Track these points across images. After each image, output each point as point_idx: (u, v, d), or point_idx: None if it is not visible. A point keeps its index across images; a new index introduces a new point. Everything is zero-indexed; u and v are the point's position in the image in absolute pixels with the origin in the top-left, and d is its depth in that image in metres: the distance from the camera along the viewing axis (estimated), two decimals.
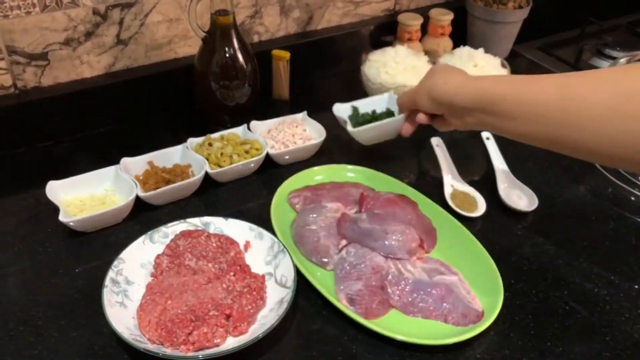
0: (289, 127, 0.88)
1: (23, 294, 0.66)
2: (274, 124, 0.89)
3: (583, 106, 0.50)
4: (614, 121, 0.48)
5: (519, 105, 0.56)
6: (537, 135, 0.57)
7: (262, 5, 1.01)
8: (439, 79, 0.67)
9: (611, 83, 0.49)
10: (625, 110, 0.47)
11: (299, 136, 0.87)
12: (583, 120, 0.51)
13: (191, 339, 0.58)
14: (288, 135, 0.87)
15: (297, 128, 0.88)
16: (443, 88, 0.66)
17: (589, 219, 0.80)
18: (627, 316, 0.66)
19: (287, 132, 0.87)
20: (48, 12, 0.83)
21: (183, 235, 0.69)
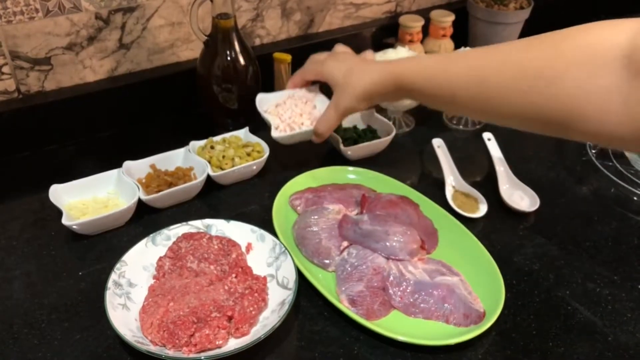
0: (297, 103, 0.81)
1: (27, 296, 0.66)
2: (283, 98, 0.82)
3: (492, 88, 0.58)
4: (519, 98, 0.56)
5: (438, 90, 0.64)
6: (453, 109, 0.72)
7: (264, 9, 1.01)
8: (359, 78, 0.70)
9: (515, 65, 0.56)
10: (524, 87, 0.55)
11: (307, 116, 0.80)
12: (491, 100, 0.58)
13: (193, 341, 0.58)
14: (295, 115, 0.80)
15: (307, 105, 0.81)
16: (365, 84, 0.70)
17: (591, 219, 0.80)
18: (629, 316, 0.66)
19: (294, 111, 0.80)
20: (51, 17, 0.83)
21: (185, 238, 0.69)
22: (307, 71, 0.79)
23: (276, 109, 0.81)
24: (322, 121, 0.75)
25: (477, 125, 0.99)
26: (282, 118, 0.80)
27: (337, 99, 0.73)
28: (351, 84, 0.70)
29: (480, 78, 0.59)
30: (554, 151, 0.94)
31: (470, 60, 0.61)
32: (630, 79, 0.48)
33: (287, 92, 0.82)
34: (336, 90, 0.73)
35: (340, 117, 0.74)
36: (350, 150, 0.86)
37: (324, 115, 0.75)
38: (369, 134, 0.91)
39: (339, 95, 0.72)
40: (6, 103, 0.86)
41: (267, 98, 0.82)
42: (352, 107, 0.72)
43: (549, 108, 0.53)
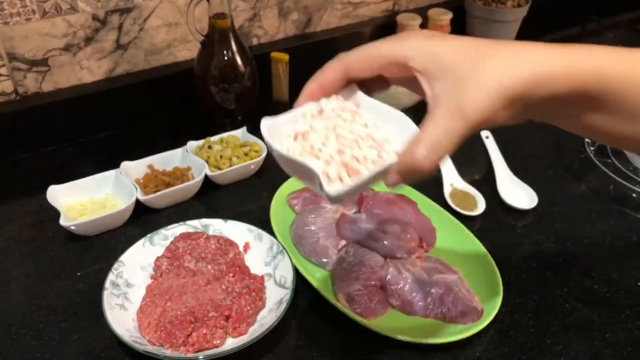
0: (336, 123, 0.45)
1: (25, 298, 0.66)
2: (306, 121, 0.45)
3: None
4: None
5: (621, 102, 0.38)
6: None
7: (261, 8, 1.01)
8: (497, 64, 0.38)
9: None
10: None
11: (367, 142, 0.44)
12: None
13: (191, 340, 0.58)
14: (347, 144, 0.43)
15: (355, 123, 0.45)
16: (516, 77, 0.38)
17: (589, 216, 0.80)
18: (627, 313, 0.66)
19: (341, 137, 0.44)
20: (48, 19, 0.84)
21: (182, 238, 0.69)
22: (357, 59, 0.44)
23: (301, 139, 0.44)
24: (427, 144, 0.39)
25: None
26: (322, 155, 0.43)
27: (459, 98, 0.38)
28: (484, 75, 0.38)
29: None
30: (552, 149, 0.94)
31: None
32: None
33: (308, 107, 0.46)
34: (445, 88, 0.39)
35: (468, 134, 0.38)
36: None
37: (430, 131, 0.39)
38: None
39: (460, 92, 0.38)
40: (4, 104, 0.86)
41: (276, 124, 0.45)
42: (489, 114, 0.38)
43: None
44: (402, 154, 0.41)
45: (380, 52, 0.42)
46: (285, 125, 0.45)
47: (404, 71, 0.41)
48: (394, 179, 0.42)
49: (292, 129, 0.45)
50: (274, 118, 0.45)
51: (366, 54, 0.43)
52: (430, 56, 0.40)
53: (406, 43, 0.41)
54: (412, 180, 0.41)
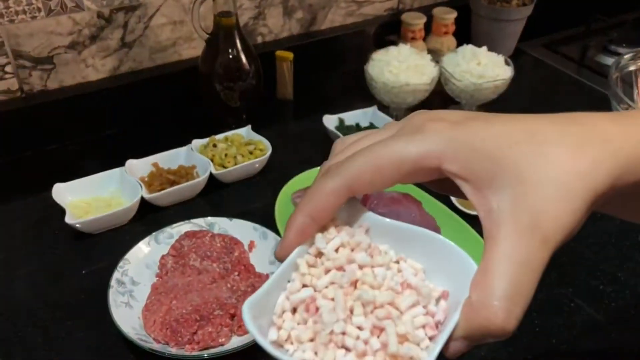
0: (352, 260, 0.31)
1: (31, 295, 0.66)
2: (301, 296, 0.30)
3: None
4: None
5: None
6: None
7: (265, 7, 1.01)
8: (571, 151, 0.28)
9: None
10: None
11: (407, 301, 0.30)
12: None
13: (196, 339, 0.58)
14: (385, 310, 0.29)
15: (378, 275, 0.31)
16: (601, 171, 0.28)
17: (594, 215, 0.79)
18: (632, 313, 0.66)
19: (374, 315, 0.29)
20: (53, 17, 0.84)
21: (187, 236, 0.69)
22: (361, 176, 0.31)
23: (309, 319, 0.29)
24: (509, 288, 0.27)
25: None
26: (350, 342, 0.28)
27: (531, 212, 0.28)
28: (560, 168, 0.28)
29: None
30: None
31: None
32: None
33: (297, 254, 0.31)
34: (507, 195, 0.28)
35: (548, 258, 0.29)
36: None
37: (508, 269, 0.28)
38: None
39: (532, 202, 0.28)
40: (9, 102, 0.86)
41: (262, 301, 0.30)
42: (573, 225, 0.28)
43: None
44: (468, 310, 0.28)
45: (399, 158, 0.30)
46: (275, 292, 0.30)
47: (433, 174, 0.30)
48: (458, 347, 0.28)
49: (286, 297, 0.30)
50: (257, 293, 0.29)
51: (377, 163, 0.30)
52: (474, 153, 0.28)
53: (432, 139, 0.29)
54: (482, 342, 0.29)
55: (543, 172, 0.27)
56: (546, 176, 0.27)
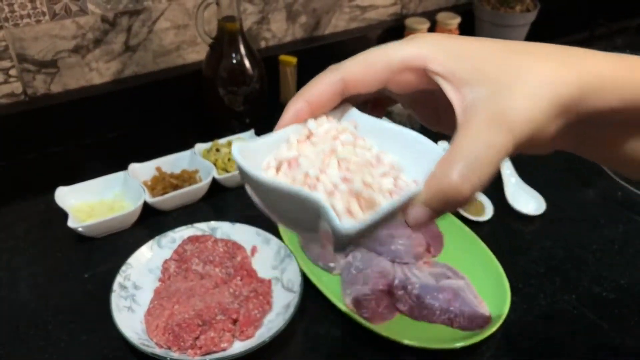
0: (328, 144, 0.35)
1: (33, 298, 0.66)
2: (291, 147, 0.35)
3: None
4: None
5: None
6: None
7: (269, 11, 1.01)
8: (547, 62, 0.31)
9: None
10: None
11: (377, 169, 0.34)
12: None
13: (198, 344, 0.58)
14: (355, 171, 0.33)
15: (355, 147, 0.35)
16: (572, 76, 0.31)
17: (597, 222, 0.80)
18: (636, 320, 0.66)
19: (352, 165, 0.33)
20: (57, 21, 0.84)
21: (190, 241, 0.69)
22: (358, 69, 0.34)
23: (292, 172, 0.33)
24: (467, 165, 0.30)
25: None
26: (320, 185, 0.32)
27: (502, 105, 0.30)
28: (537, 75, 0.31)
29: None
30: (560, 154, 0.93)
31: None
32: None
33: (292, 130, 0.36)
34: (483, 92, 0.31)
35: (512, 150, 0.30)
36: None
37: (470, 145, 0.30)
38: None
39: (505, 98, 0.30)
40: (13, 105, 0.87)
41: (253, 152, 0.34)
42: (540, 124, 0.30)
43: None
44: (430, 179, 0.31)
45: (388, 56, 0.33)
46: (264, 152, 0.34)
47: (419, 79, 0.33)
48: (419, 213, 0.31)
49: (273, 157, 0.34)
50: (249, 143, 0.35)
51: (370, 60, 0.33)
52: (457, 57, 0.32)
53: (420, 42, 0.33)
54: (443, 212, 0.32)
55: (517, 76, 0.31)
56: (519, 79, 0.30)
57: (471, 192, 0.30)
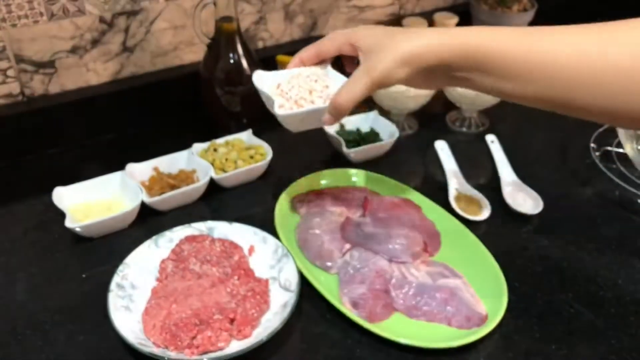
0: (306, 81, 0.66)
1: (31, 298, 0.66)
2: (287, 77, 0.67)
3: (605, 66, 0.47)
4: None
5: (524, 64, 0.51)
6: (541, 96, 0.52)
7: (267, 12, 1.02)
8: (404, 38, 0.56)
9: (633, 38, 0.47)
10: None
11: (319, 94, 0.65)
12: (605, 81, 0.48)
13: (195, 343, 0.58)
14: (304, 92, 0.65)
15: (317, 84, 0.65)
16: (413, 45, 0.55)
17: (595, 221, 0.80)
18: (632, 319, 0.66)
19: (302, 88, 0.65)
20: (55, 21, 0.84)
21: (187, 240, 0.70)
22: (327, 42, 0.63)
23: (278, 89, 0.66)
24: (344, 90, 0.58)
25: (480, 128, 0.99)
26: (286, 97, 0.65)
27: (370, 62, 0.57)
28: (393, 45, 0.55)
29: (588, 54, 0.49)
30: (557, 153, 0.93)
31: (569, 34, 0.51)
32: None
33: (292, 70, 0.66)
34: (368, 57, 0.57)
35: (371, 86, 0.57)
36: (353, 153, 0.86)
37: (348, 82, 0.59)
38: (372, 137, 0.91)
39: (374, 59, 0.56)
40: (10, 106, 0.87)
41: (267, 75, 0.68)
42: (387, 73, 0.56)
43: None
44: (331, 98, 0.60)
45: (340, 36, 0.62)
46: (271, 77, 0.68)
47: (353, 48, 0.60)
48: (326, 117, 0.62)
49: (276, 81, 0.67)
50: (266, 72, 0.69)
51: (332, 38, 0.63)
52: (369, 39, 0.58)
53: (357, 31, 0.60)
54: (338, 117, 0.61)
55: (388, 46, 0.56)
56: (388, 48, 0.56)
57: (346, 107, 0.59)
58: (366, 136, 0.91)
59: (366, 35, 0.59)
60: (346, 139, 0.89)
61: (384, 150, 0.89)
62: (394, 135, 0.89)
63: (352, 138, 0.90)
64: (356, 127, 0.93)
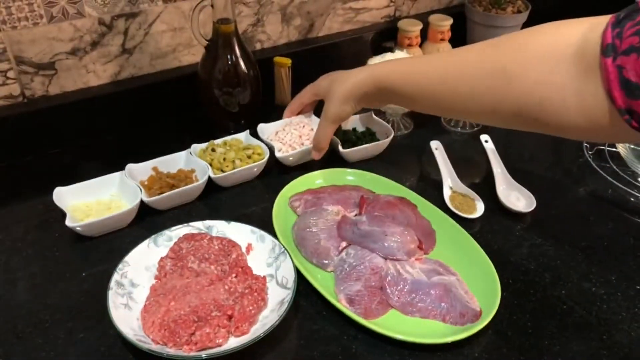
0: (296, 128, 0.89)
1: (32, 297, 0.67)
2: (281, 126, 0.90)
3: (461, 85, 0.62)
4: (484, 95, 0.60)
5: (413, 89, 0.68)
6: (433, 109, 0.70)
7: (264, 14, 1.03)
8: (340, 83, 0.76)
9: (481, 63, 0.60)
10: (488, 84, 0.59)
11: (306, 137, 0.88)
12: (462, 96, 0.63)
13: (194, 339, 0.59)
14: (295, 137, 0.87)
15: (304, 129, 0.89)
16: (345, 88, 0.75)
17: (587, 219, 0.81)
18: (624, 315, 0.67)
19: (294, 134, 0.88)
20: (55, 23, 0.85)
21: (186, 239, 0.71)
22: (303, 94, 0.86)
23: (277, 135, 0.89)
24: (317, 133, 0.81)
25: (474, 128, 1.00)
26: (283, 142, 0.87)
27: (325, 107, 0.78)
28: (335, 90, 0.76)
29: (450, 75, 0.63)
30: (550, 153, 0.95)
31: (440, 60, 0.66)
32: (580, 74, 0.52)
33: (285, 120, 0.90)
34: (325, 103, 0.78)
35: (332, 125, 0.79)
36: (349, 153, 0.88)
37: (318, 126, 0.81)
38: (367, 136, 0.92)
39: (327, 104, 0.78)
40: (11, 107, 0.87)
41: (267, 127, 0.91)
42: (338, 112, 0.77)
43: (512, 103, 0.58)
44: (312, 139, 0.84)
45: (309, 89, 0.85)
46: (272, 128, 0.91)
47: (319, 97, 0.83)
48: (313, 154, 0.84)
49: (274, 129, 0.90)
50: (266, 124, 0.91)
51: (304, 91, 0.86)
52: (323, 89, 0.80)
53: (318, 83, 0.83)
54: (322, 152, 0.83)
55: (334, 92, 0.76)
56: (333, 94, 0.77)
57: (322, 144, 0.82)
58: (362, 136, 0.92)
59: (322, 86, 0.80)
60: (342, 138, 0.90)
61: (379, 150, 0.91)
62: (390, 135, 0.90)
63: (348, 138, 0.91)
64: (352, 127, 0.94)
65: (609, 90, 0.49)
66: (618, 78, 0.48)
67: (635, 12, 0.49)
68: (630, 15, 0.49)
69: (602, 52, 0.49)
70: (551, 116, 0.55)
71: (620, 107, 0.48)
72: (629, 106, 0.47)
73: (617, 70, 0.48)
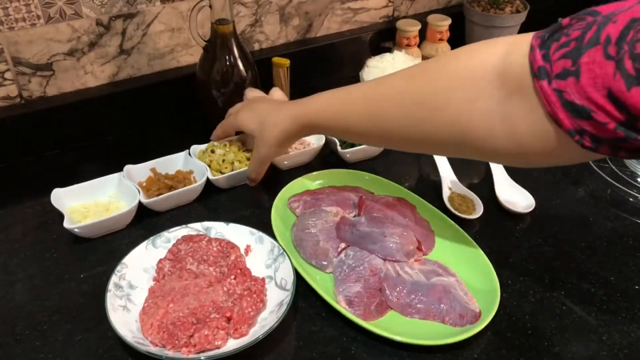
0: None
1: (30, 299, 0.67)
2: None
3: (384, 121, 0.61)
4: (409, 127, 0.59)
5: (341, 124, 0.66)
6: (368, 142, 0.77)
7: (262, 14, 1.03)
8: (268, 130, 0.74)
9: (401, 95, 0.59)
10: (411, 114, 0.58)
11: (299, 141, 0.88)
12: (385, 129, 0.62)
13: (192, 341, 0.59)
14: None
15: None
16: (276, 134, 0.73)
17: (586, 220, 0.81)
18: (623, 316, 0.67)
19: None
20: (52, 24, 0.85)
21: (184, 240, 0.70)
22: (225, 125, 0.83)
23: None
24: (251, 168, 0.79)
25: None
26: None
27: (257, 148, 0.76)
28: (266, 136, 0.74)
29: (371, 110, 0.62)
30: None
31: (363, 92, 0.64)
32: (504, 98, 0.50)
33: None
34: (255, 141, 0.76)
35: (265, 164, 0.78)
36: (348, 153, 0.87)
37: (251, 163, 0.79)
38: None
39: (258, 146, 0.75)
40: (8, 108, 0.87)
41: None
42: (271, 155, 0.77)
43: (437, 133, 0.56)
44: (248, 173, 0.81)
45: (231, 123, 0.82)
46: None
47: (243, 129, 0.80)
48: (247, 178, 0.81)
49: None
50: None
51: (228, 127, 0.83)
52: (247, 127, 0.78)
53: (239, 117, 0.79)
54: (254, 179, 0.80)
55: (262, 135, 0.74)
56: (263, 137, 0.74)
57: (254, 176, 0.80)
58: None
59: (246, 123, 0.77)
60: (341, 139, 0.90)
61: (378, 150, 0.90)
62: None
63: None
64: None
65: (553, 114, 0.46)
66: (560, 101, 0.45)
67: (558, 32, 0.47)
68: (553, 35, 0.47)
69: (534, 75, 0.47)
70: (482, 144, 0.53)
71: (568, 128, 0.46)
72: (577, 126, 0.45)
73: (557, 93, 0.45)
